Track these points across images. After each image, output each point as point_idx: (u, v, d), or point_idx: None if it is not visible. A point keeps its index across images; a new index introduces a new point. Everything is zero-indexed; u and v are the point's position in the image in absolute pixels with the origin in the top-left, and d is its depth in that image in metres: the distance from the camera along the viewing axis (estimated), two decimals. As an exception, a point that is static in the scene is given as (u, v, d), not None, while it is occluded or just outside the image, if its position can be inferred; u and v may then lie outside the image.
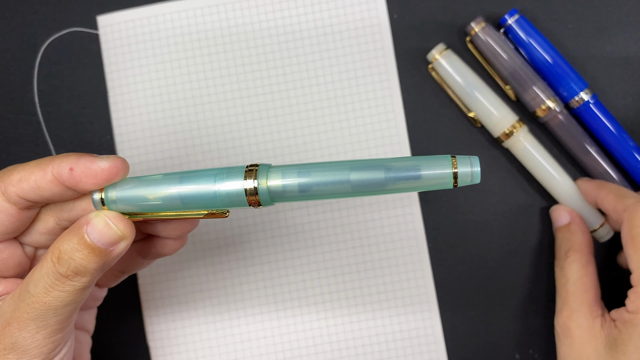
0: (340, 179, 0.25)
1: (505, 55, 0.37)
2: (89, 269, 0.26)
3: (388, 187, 0.25)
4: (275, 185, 0.26)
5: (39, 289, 0.26)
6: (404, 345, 0.39)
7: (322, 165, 0.26)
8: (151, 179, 0.27)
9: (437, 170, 0.25)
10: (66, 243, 0.26)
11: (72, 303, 0.26)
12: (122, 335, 0.39)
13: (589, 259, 0.36)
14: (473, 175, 0.25)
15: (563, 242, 0.37)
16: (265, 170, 0.26)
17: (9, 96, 0.40)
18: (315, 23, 0.39)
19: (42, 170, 0.26)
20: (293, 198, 0.26)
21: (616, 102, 0.39)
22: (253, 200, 0.26)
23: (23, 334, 0.26)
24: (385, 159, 0.26)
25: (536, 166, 0.38)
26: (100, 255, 0.26)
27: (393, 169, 0.25)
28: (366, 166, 0.25)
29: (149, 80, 0.39)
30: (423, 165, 0.25)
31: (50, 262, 0.26)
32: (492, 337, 0.39)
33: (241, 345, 0.39)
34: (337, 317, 0.39)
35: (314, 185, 0.25)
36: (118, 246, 0.26)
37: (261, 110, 0.39)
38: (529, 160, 0.37)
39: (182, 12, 0.40)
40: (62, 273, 0.26)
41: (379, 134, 0.39)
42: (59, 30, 0.40)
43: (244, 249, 0.39)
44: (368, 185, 0.25)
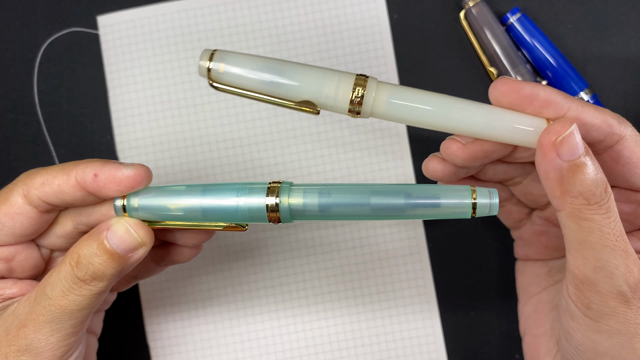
0: (360, 201, 0.26)
1: (492, 35, 0.37)
2: (107, 274, 0.26)
3: (407, 213, 0.26)
4: (297, 203, 0.26)
5: (57, 292, 0.26)
6: (404, 345, 0.39)
7: (344, 187, 0.27)
8: (174, 189, 0.27)
9: (456, 200, 0.26)
10: (85, 248, 0.26)
11: (88, 307, 0.26)
12: (122, 335, 0.39)
13: None
14: (491, 207, 0.26)
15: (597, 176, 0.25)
16: (287, 189, 0.26)
17: (9, 96, 0.40)
18: (315, 23, 0.39)
19: (66, 174, 0.27)
20: (312, 217, 0.27)
21: (616, 102, 0.39)
22: (274, 217, 0.26)
23: (38, 336, 0.26)
24: (407, 185, 0.26)
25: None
26: (119, 261, 0.26)
27: (413, 196, 0.26)
28: (387, 191, 0.26)
29: (149, 80, 0.39)
30: (443, 195, 0.26)
31: (69, 265, 0.26)
32: (492, 337, 0.39)
33: (241, 345, 0.39)
34: (337, 317, 0.39)
35: (334, 206, 0.26)
36: (137, 252, 0.27)
37: (261, 110, 0.39)
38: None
39: (182, 12, 0.40)
40: (80, 277, 0.26)
41: (379, 134, 0.39)
42: (59, 30, 0.40)
43: (244, 249, 0.39)
44: (388, 210, 0.26)
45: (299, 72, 0.27)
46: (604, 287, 0.25)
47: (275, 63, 0.27)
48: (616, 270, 0.25)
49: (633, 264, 0.25)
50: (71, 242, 0.30)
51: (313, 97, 0.27)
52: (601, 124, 0.26)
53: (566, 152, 0.25)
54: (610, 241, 0.25)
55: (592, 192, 0.25)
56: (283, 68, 0.27)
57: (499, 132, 0.26)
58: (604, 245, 0.25)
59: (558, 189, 0.25)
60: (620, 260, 0.25)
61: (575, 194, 0.25)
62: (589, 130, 0.27)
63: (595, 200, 0.25)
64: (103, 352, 0.36)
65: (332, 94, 0.26)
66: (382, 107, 0.27)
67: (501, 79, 0.27)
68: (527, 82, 0.27)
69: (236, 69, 0.27)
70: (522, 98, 0.26)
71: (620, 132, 0.27)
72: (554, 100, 0.26)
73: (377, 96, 0.26)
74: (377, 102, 0.26)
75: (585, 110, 0.26)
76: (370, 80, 0.27)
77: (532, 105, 0.26)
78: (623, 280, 0.25)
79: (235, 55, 0.27)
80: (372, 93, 0.26)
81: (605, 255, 0.25)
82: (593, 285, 0.25)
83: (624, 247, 0.25)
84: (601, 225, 0.25)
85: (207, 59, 0.27)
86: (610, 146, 0.27)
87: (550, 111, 0.26)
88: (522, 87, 0.26)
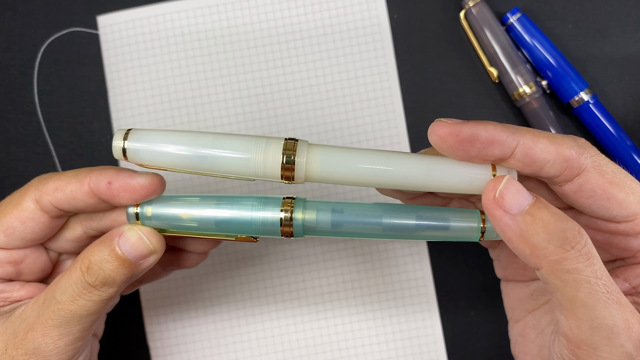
0: (372, 220, 0.26)
1: (492, 35, 0.37)
2: (117, 280, 0.26)
3: (417, 234, 0.26)
4: (310, 219, 0.26)
5: (66, 296, 0.26)
6: (404, 345, 0.39)
7: (356, 205, 0.27)
8: (188, 200, 0.27)
9: (465, 224, 0.26)
10: (97, 253, 0.26)
11: (97, 312, 0.27)
12: (122, 335, 0.39)
13: None
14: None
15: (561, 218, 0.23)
16: (302, 204, 0.27)
17: (9, 96, 0.40)
18: (315, 23, 0.39)
19: (79, 181, 0.26)
20: (324, 233, 0.27)
21: (616, 102, 0.39)
22: (287, 231, 0.27)
23: (46, 340, 0.26)
24: (418, 207, 0.27)
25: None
26: (130, 268, 0.26)
27: (424, 218, 0.26)
28: (399, 211, 0.26)
29: (149, 80, 0.39)
30: (453, 218, 0.26)
31: (79, 271, 0.26)
32: (492, 337, 0.39)
33: (241, 345, 0.39)
34: (337, 317, 0.39)
35: (346, 223, 0.26)
36: (148, 260, 0.27)
37: (261, 110, 0.39)
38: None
39: (182, 12, 0.40)
40: (91, 283, 0.26)
41: (379, 134, 0.39)
42: (59, 30, 0.40)
43: (244, 249, 0.39)
44: (398, 230, 0.26)
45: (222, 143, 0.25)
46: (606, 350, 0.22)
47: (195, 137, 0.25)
48: (615, 328, 0.22)
49: (632, 317, 0.22)
50: (80, 246, 0.30)
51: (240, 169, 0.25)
52: (555, 158, 0.24)
53: (512, 205, 0.23)
54: (602, 293, 0.22)
55: (562, 236, 0.22)
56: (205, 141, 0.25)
57: (442, 183, 0.25)
58: (597, 300, 0.22)
59: (525, 247, 0.22)
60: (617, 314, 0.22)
61: (544, 244, 0.22)
62: (542, 167, 0.24)
63: (571, 245, 0.22)
64: (103, 352, 0.36)
65: (260, 162, 0.25)
66: (317, 171, 0.25)
67: (437, 122, 0.24)
68: (466, 122, 0.24)
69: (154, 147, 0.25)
70: (462, 141, 0.24)
71: (580, 165, 0.24)
72: (498, 138, 0.24)
73: (309, 160, 0.25)
74: (310, 166, 0.25)
75: (536, 144, 0.24)
76: (300, 143, 0.25)
77: (475, 147, 0.24)
78: (626, 338, 0.22)
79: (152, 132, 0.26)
80: (303, 157, 0.25)
81: (600, 312, 0.22)
82: (593, 350, 0.22)
83: (616, 297, 0.22)
84: (587, 276, 0.22)
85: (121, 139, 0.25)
86: (571, 179, 0.24)
87: (496, 151, 0.24)
88: (461, 130, 0.24)
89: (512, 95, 0.38)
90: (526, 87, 0.37)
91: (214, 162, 0.25)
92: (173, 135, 0.25)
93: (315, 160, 0.25)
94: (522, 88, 0.37)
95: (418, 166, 0.25)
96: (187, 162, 0.25)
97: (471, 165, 0.25)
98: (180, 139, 0.25)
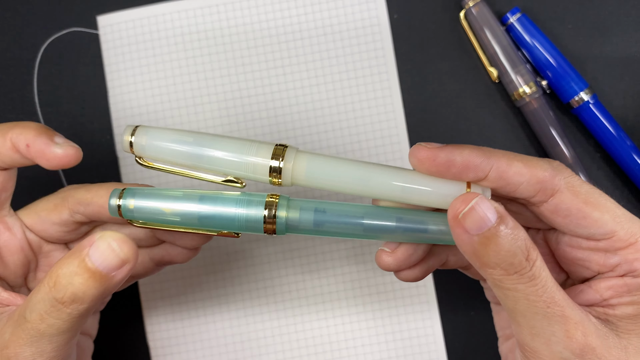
0: (353, 221, 0.27)
1: (492, 35, 0.37)
2: (88, 295, 0.24)
3: (396, 235, 0.27)
4: (293, 217, 0.27)
5: (34, 315, 0.24)
6: (404, 345, 0.39)
7: (339, 205, 0.27)
8: (171, 194, 0.27)
9: (444, 227, 0.27)
10: (65, 266, 0.24)
11: (69, 331, 0.25)
12: (122, 335, 0.39)
13: None
14: None
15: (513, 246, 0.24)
16: (285, 202, 0.27)
17: (9, 96, 0.40)
18: (315, 23, 0.39)
19: (2, 136, 0.27)
20: (306, 231, 0.27)
21: (616, 102, 0.39)
22: (270, 228, 0.27)
23: (19, 358, 0.25)
24: (399, 210, 0.27)
25: None
26: (101, 281, 0.24)
27: (404, 220, 0.27)
28: (380, 213, 0.27)
29: (149, 80, 0.39)
30: (432, 221, 0.27)
31: (47, 286, 0.24)
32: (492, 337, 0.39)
33: (241, 345, 0.39)
34: (337, 317, 0.39)
35: (327, 223, 0.27)
36: (120, 271, 0.25)
37: (261, 110, 0.39)
38: None
39: (182, 12, 0.40)
40: (59, 299, 0.24)
41: (379, 134, 0.39)
42: (59, 30, 0.40)
43: (244, 249, 0.39)
44: (378, 231, 0.27)
45: (218, 144, 0.27)
46: (544, 355, 0.24)
47: (195, 136, 0.27)
48: (553, 337, 0.24)
49: (575, 329, 0.24)
50: (67, 233, 0.29)
51: (233, 168, 0.27)
52: (529, 181, 0.25)
53: (472, 227, 0.24)
54: (541, 308, 0.24)
55: (509, 262, 0.23)
56: (203, 141, 0.27)
57: (418, 197, 0.26)
58: (534, 313, 0.24)
59: (476, 261, 0.24)
60: (557, 326, 0.24)
61: (492, 265, 0.24)
62: (516, 188, 0.25)
63: (515, 270, 0.24)
64: (103, 352, 0.36)
65: (251, 165, 0.26)
66: (302, 177, 0.27)
67: (416, 147, 0.26)
68: (444, 147, 0.26)
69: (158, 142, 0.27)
70: (438, 165, 0.25)
71: (554, 186, 0.25)
72: (473, 163, 0.25)
73: (295, 166, 0.27)
74: (296, 172, 0.27)
75: (510, 168, 0.25)
76: (289, 149, 0.27)
77: (451, 171, 0.25)
78: (563, 347, 0.24)
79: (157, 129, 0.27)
80: (290, 163, 0.26)
81: (538, 323, 0.24)
82: (534, 353, 0.24)
83: (560, 312, 0.24)
84: (526, 294, 0.24)
85: (129, 134, 0.27)
86: (546, 200, 0.26)
87: (471, 175, 0.25)
88: (437, 155, 0.25)
89: (512, 95, 0.38)
90: (526, 87, 0.37)
91: (210, 161, 0.27)
92: (175, 133, 0.27)
93: (302, 166, 0.27)
94: (522, 88, 0.37)
95: (396, 181, 0.26)
96: (185, 159, 0.27)
97: (448, 183, 0.26)
98: (181, 137, 0.27)
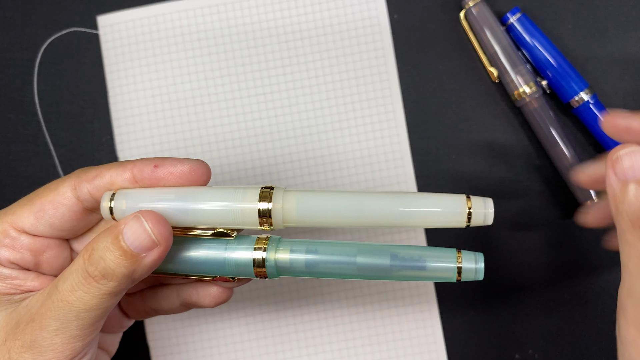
0: (346, 260, 0.26)
1: (492, 35, 0.37)
2: (117, 272, 0.24)
3: (393, 274, 0.26)
4: (283, 259, 0.26)
5: (66, 285, 0.25)
6: (404, 345, 0.39)
7: (331, 244, 0.26)
8: None
9: (442, 264, 0.26)
10: (100, 241, 0.25)
11: (96, 309, 0.25)
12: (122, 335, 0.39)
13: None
14: (477, 272, 0.26)
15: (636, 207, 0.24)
16: (275, 244, 0.26)
17: (9, 96, 0.40)
18: (315, 23, 0.39)
19: (121, 167, 0.26)
20: (299, 273, 0.26)
21: (616, 102, 0.39)
22: (260, 272, 0.26)
23: (43, 333, 0.25)
24: (393, 246, 0.26)
25: None
26: (132, 260, 0.24)
27: (399, 258, 0.26)
28: (373, 251, 0.26)
29: (149, 80, 0.39)
30: (429, 257, 0.26)
31: (82, 259, 0.25)
32: (492, 337, 0.39)
33: (241, 345, 0.39)
34: (337, 317, 0.39)
35: (320, 263, 0.26)
36: (151, 253, 0.25)
37: (261, 110, 0.39)
38: None
39: (182, 12, 0.40)
40: (90, 272, 0.24)
41: (379, 134, 0.39)
42: (59, 30, 0.40)
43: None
44: (373, 270, 0.26)
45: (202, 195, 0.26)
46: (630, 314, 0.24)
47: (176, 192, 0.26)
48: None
49: None
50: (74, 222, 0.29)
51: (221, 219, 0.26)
52: None
53: (620, 172, 0.25)
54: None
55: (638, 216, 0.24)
56: (186, 195, 0.26)
57: (414, 221, 0.26)
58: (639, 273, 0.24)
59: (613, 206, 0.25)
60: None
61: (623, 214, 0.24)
62: None
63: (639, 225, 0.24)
64: (103, 352, 0.36)
65: (239, 212, 0.25)
66: (294, 216, 0.26)
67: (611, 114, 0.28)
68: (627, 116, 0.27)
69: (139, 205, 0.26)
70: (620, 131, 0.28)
71: None
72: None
73: (285, 206, 0.25)
74: (287, 212, 0.26)
75: None
76: (275, 190, 0.26)
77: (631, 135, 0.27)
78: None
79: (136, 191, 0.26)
80: (279, 203, 0.25)
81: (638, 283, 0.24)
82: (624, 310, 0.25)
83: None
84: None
85: (108, 200, 0.26)
86: None
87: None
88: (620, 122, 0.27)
89: (512, 95, 0.38)
90: (526, 87, 0.37)
91: (196, 213, 0.25)
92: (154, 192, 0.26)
93: (292, 206, 0.26)
94: (522, 88, 0.37)
95: (391, 207, 0.25)
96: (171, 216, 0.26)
97: (444, 199, 0.25)
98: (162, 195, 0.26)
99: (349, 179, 0.39)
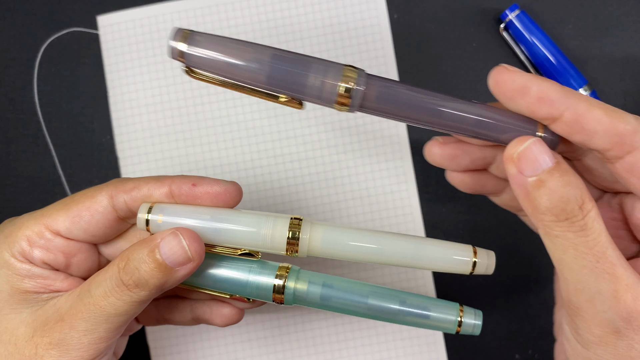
0: (359, 299, 0.28)
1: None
2: (150, 283, 0.26)
3: (399, 318, 0.28)
4: (301, 289, 0.28)
5: (99, 290, 0.26)
6: (404, 345, 0.39)
7: (346, 282, 0.28)
8: None
9: (444, 315, 0.28)
10: (136, 252, 0.26)
11: (125, 314, 0.26)
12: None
13: None
14: (475, 327, 0.28)
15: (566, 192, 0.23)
16: (295, 275, 0.28)
17: (9, 96, 0.40)
18: (315, 23, 0.39)
19: (159, 182, 0.27)
20: (312, 304, 0.28)
21: (616, 102, 0.39)
22: (278, 297, 0.28)
23: (72, 333, 0.26)
24: (403, 292, 0.28)
25: None
26: (165, 273, 0.26)
27: (407, 304, 0.28)
28: (384, 295, 0.28)
29: (149, 80, 0.39)
30: (433, 308, 0.28)
31: (117, 267, 0.26)
32: (492, 337, 0.39)
33: (241, 345, 0.39)
34: (337, 317, 0.39)
35: (334, 298, 0.28)
36: (184, 267, 0.26)
37: (261, 110, 0.39)
38: None
39: (182, 12, 0.40)
40: (124, 281, 0.26)
41: (379, 134, 0.39)
42: (59, 30, 0.40)
43: (243, 249, 0.39)
44: (382, 312, 0.28)
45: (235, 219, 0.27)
46: (587, 313, 0.23)
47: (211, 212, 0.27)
48: (599, 295, 0.22)
49: (625, 290, 0.22)
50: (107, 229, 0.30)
51: (250, 242, 0.27)
52: (606, 131, 0.23)
53: (526, 168, 0.23)
54: (589, 262, 0.22)
55: (561, 208, 0.23)
56: (220, 216, 0.27)
57: (428, 263, 0.27)
58: (582, 266, 0.23)
59: (528, 206, 0.24)
60: (604, 284, 0.22)
61: (544, 210, 0.23)
62: (591, 137, 0.23)
63: (566, 217, 0.23)
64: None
65: (269, 237, 0.27)
66: (318, 248, 0.27)
67: (499, 68, 0.24)
68: (525, 74, 0.24)
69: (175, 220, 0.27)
70: (513, 91, 0.24)
71: (633, 142, 0.23)
72: (549, 97, 0.23)
73: (312, 238, 0.27)
74: (313, 243, 0.27)
75: (589, 112, 0.23)
76: (304, 222, 0.27)
77: (525, 100, 0.24)
78: (609, 307, 0.22)
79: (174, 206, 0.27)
80: (307, 235, 0.27)
81: (585, 277, 0.23)
82: (577, 310, 0.23)
83: (609, 269, 0.22)
84: (575, 244, 0.23)
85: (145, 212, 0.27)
86: (622, 157, 0.23)
87: (544, 110, 0.23)
88: (514, 79, 0.24)
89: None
90: None
91: (227, 234, 0.27)
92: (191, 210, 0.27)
93: (317, 238, 0.27)
94: None
95: (407, 248, 0.27)
96: (203, 234, 0.27)
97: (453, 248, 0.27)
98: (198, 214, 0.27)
99: (348, 179, 0.39)
